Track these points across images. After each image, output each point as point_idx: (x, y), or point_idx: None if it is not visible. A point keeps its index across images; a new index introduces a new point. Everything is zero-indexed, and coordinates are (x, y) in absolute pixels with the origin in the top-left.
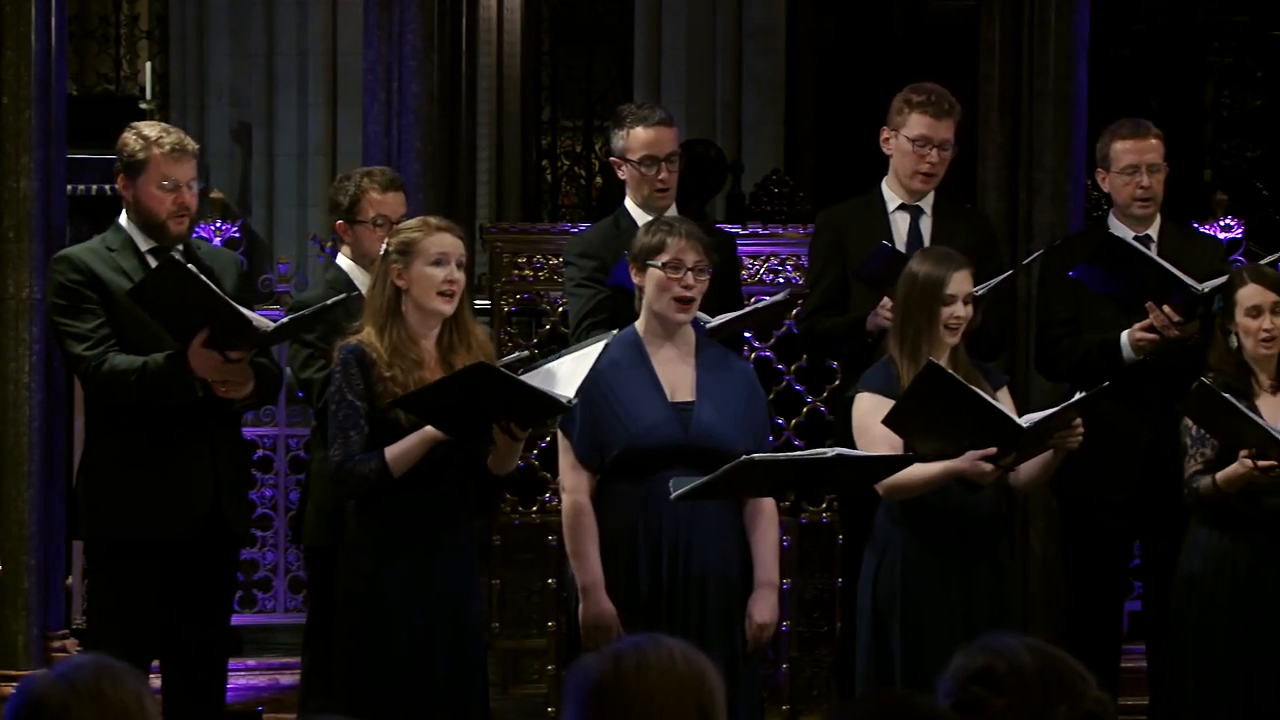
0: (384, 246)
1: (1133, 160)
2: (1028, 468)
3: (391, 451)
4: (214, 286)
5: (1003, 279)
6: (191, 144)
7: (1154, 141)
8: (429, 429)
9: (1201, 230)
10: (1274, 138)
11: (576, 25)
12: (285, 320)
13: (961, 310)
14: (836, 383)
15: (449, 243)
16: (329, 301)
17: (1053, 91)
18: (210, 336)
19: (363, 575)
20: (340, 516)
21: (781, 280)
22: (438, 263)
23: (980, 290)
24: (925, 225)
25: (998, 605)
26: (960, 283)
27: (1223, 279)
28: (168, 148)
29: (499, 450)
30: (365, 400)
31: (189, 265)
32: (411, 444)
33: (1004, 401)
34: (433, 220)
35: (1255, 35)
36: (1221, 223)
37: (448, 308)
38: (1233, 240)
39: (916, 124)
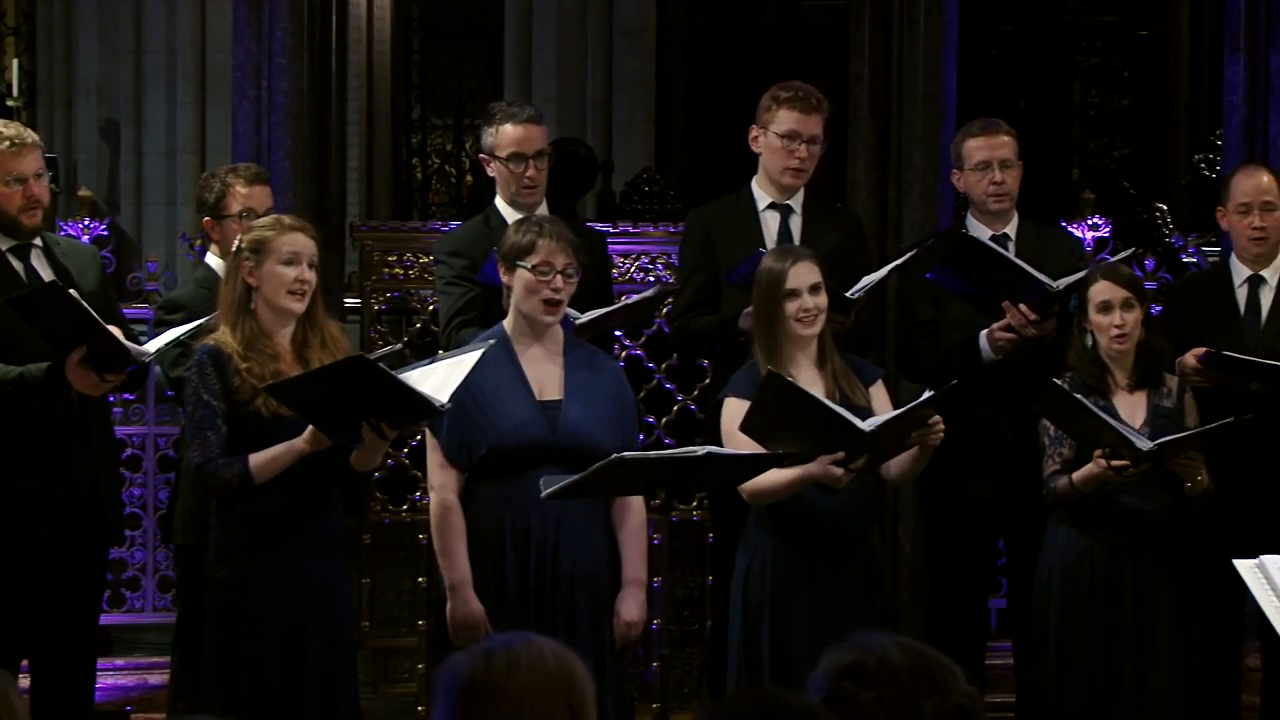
0: (236, 242)
1: (984, 156)
2: (897, 464)
3: (256, 460)
4: (94, 314)
5: (878, 279)
6: (31, 136)
7: (1005, 138)
8: (296, 442)
9: (1065, 228)
10: (1141, 137)
11: (446, 24)
12: (162, 345)
13: (809, 302)
14: (707, 381)
15: (301, 242)
16: (205, 320)
17: (922, 91)
18: (86, 355)
19: (230, 575)
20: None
21: (652, 279)
22: (289, 262)
23: (857, 292)
24: (795, 224)
25: (868, 605)
26: (801, 275)
27: (1078, 275)
28: (6, 144)
29: (365, 448)
30: (222, 400)
31: (71, 291)
32: (278, 454)
33: (878, 397)
34: (286, 219)
35: (1122, 35)
36: (1089, 221)
37: (298, 306)
38: (1100, 239)
39: (785, 119)
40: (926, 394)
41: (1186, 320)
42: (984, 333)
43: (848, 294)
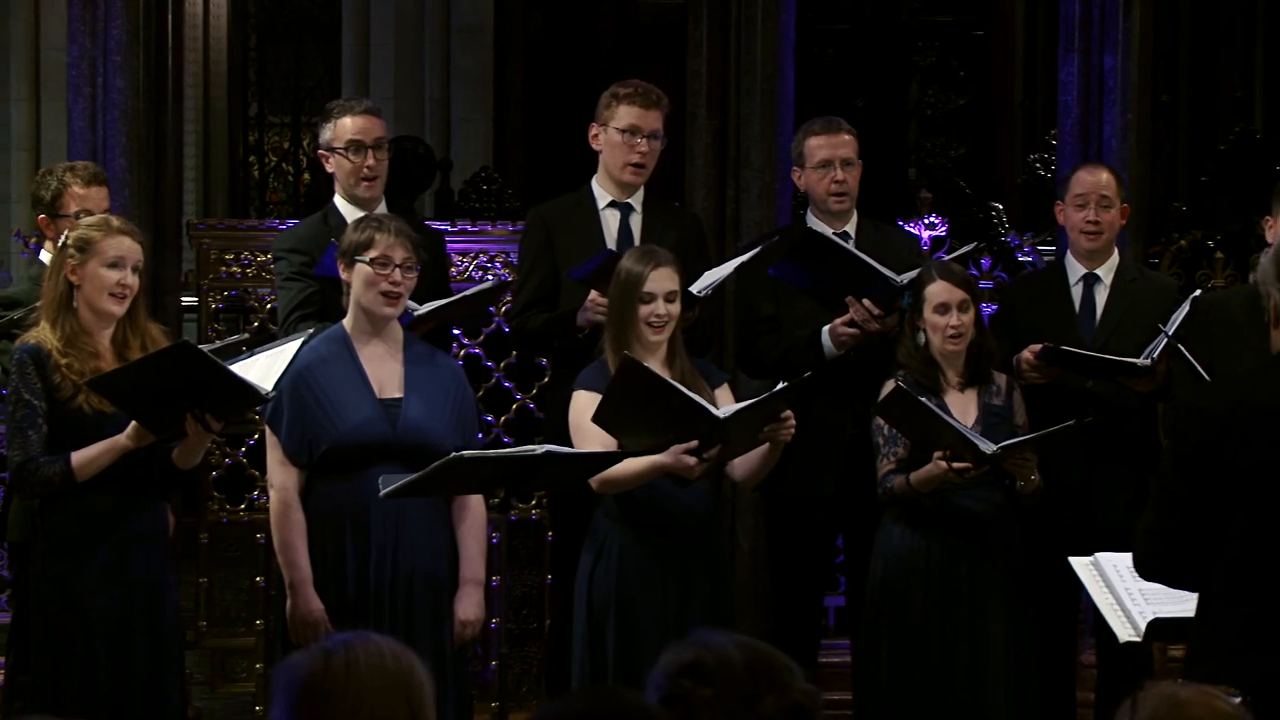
0: (62, 239)
1: (826, 155)
2: (745, 462)
3: (78, 458)
4: None
5: (724, 276)
6: None
7: (846, 137)
8: (119, 439)
9: (902, 226)
10: (977, 136)
11: (284, 21)
12: None
13: (662, 308)
14: (546, 380)
15: (127, 246)
16: (33, 305)
17: (760, 90)
18: None
19: (55, 573)
20: None
21: (490, 278)
22: (113, 265)
23: (704, 290)
24: (635, 222)
25: (712, 603)
26: (659, 280)
27: (920, 270)
28: None
29: (188, 443)
30: (43, 398)
31: None
32: (100, 451)
33: (724, 399)
34: (114, 221)
35: (958, 35)
36: (926, 220)
37: (117, 309)
38: (937, 238)
39: (625, 115)
40: (780, 385)
41: (1022, 319)
42: (826, 328)
43: (694, 291)
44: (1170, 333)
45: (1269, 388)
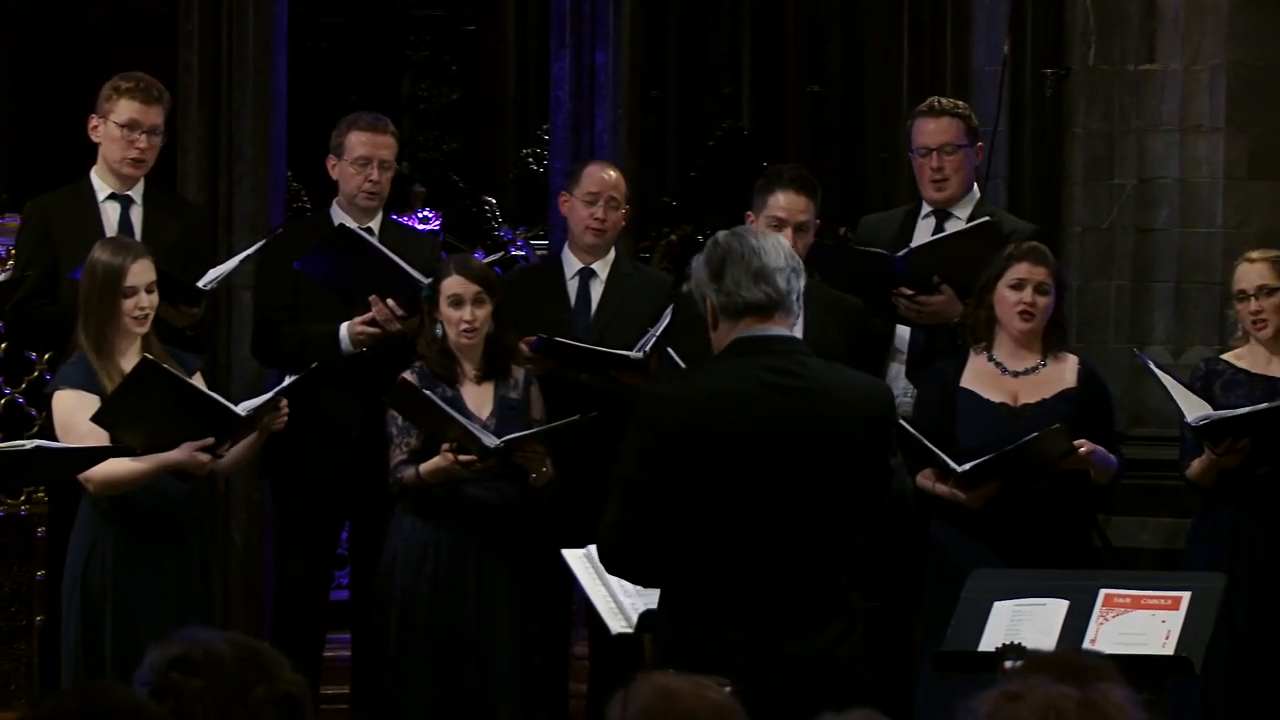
0: None
1: (365, 153)
2: (232, 453)
3: None
4: None
5: (229, 270)
6: None
7: (388, 139)
8: None
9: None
10: (470, 130)
11: None
12: None
13: (145, 301)
14: (35, 374)
15: None
16: None
17: (252, 83)
18: None
19: None
20: None
21: None
22: None
23: (210, 283)
24: (136, 215)
25: (204, 599)
26: (140, 273)
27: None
28: None
29: None
30: None
31: None
32: None
33: (198, 385)
34: None
35: (450, 30)
36: (420, 214)
37: None
38: (431, 232)
39: (125, 109)
40: (289, 379)
41: (521, 313)
42: (345, 325)
43: (200, 285)
44: (660, 329)
45: (724, 378)
